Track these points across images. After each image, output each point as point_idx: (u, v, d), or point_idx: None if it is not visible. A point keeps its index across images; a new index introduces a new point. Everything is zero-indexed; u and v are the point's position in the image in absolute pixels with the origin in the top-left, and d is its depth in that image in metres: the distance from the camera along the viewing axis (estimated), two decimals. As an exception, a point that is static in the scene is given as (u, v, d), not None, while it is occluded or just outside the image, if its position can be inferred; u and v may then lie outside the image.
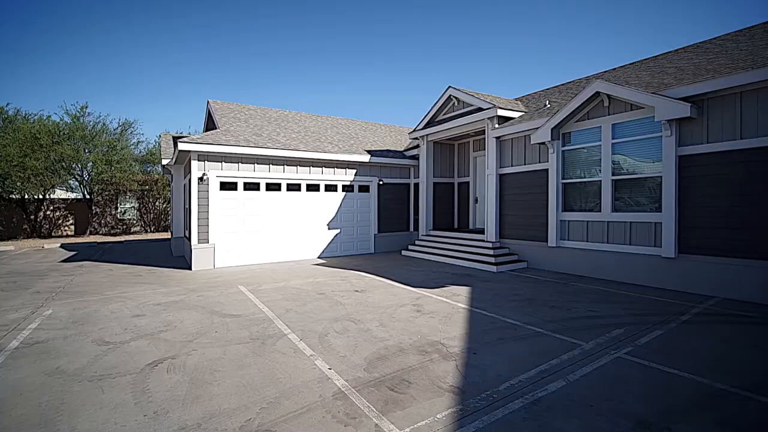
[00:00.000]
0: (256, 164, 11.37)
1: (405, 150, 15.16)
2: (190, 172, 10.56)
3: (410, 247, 13.12)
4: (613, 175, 8.37)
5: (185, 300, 7.15)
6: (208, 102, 14.34)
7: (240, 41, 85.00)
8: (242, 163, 11.16)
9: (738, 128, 6.67)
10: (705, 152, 7.02)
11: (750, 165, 6.52)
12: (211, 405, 3.41)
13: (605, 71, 11.79)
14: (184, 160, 11.59)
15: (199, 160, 10.53)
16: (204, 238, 10.57)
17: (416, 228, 14.75)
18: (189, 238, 10.89)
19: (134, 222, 24.08)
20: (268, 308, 6.50)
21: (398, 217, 14.59)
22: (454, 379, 3.83)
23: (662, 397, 3.41)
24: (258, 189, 11.51)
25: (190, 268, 10.56)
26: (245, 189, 11.30)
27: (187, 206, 11.52)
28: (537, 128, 9.58)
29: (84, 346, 4.89)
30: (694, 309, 6.18)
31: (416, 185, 14.62)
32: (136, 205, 24.02)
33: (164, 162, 13.44)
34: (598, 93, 8.43)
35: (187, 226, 11.46)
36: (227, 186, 11.01)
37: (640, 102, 7.65)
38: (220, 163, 10.82)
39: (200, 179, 10.51)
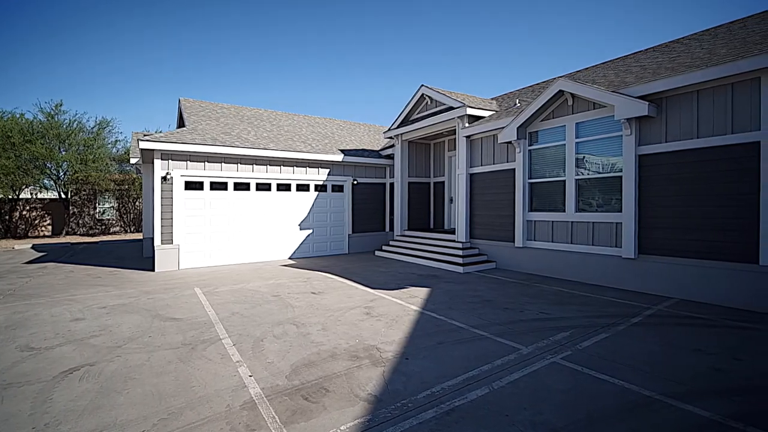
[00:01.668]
0: (223, 163, 11.15)
1: (381, 149, 15.00)
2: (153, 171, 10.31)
3: (384, 247, 12.96)
4: (576, 174, 8.26)
5: (134, 303, 6.93)
6: (179, 100, 14.08)
7: (229, 38, 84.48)
8: (209, 162, 10.92)
9: (695, 127, 6.57)
10: (664, 151, 6.92)
11: (706, 165, 6.43)
12: (109, 416, 3.22)
13: (577, 71, 11.71)
14: (149, 159, 11.32)
15: (162, 159, 10.28)
16: (168, 239, 10.33)
17: (392, 228, 14.58)
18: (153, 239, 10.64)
19: (113, 222, 23.70)
20: (215, 311, 6.30)
21: (374, 218, 14.41)
22: (375, 386, 3.67)
23: (583, 406, 3.27)
24: (225, 189, 11.28)
25: (153, 270, 10.31)
26: (212, 189, 11.07)
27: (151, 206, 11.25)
28: (504, 127, 9.45)
29: (5, 352, 4.66)
30: (648, 311, 6.07)
31: (392, 185, 14.45)
32: (116, 205, 23.64)
33: (133, 161, 13.18)
34: (562, 92, 8.32)
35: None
36: (193, 185, 10.77)
37: (600, 100, 7.55)
38: (185, 162, 10.59)
39: (164, 178, 10.27)
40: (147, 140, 9.85)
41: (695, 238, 6.57)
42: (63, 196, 21.21)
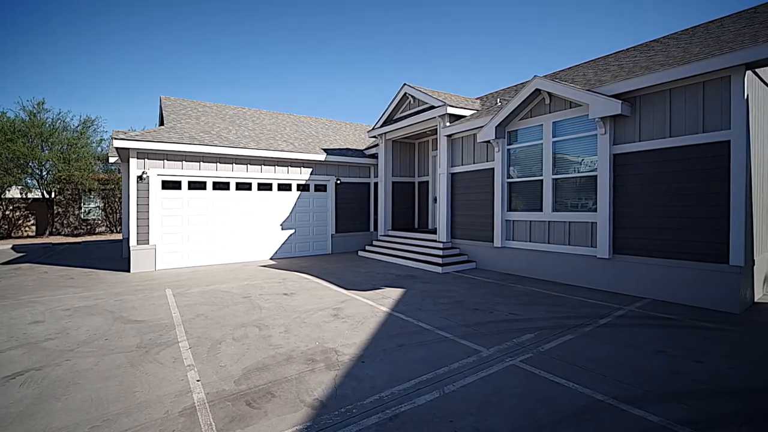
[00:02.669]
0: (201, 162, 10.99)
1: (366, 149, 14.89)
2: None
3: (367, 247, 12.85)
4: (553, 173, 8.20)
5: (99, 304, 6.77)
6: (160, 99, 13.89)
7: (221, 36, 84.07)
8: (186, 161, 10.76)
9: (668, 126, 6.52)
10: (637, 150, 6.86)
11: (678, 164, 6.38)
12: (40, 424, 3.08)
13: (560, 70, 11.66)
14: (126, 158, 11.14)
15: (138, 158, 10.12)
16: (144, 239, 10.16)
17: (377, 228, 14.48)
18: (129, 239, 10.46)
19: (99, 222, 23.39)
20: (180, 313, 6.16)
21: (358, 217, 14.30)
22: (323, 391, 3.56)
23: (531, 411, 3.18)
24: (204, 188, 11.12)
25: (129, 271, 10.13)
26: (190, 188, 10.90)
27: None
28: (483, 126, 9.37)
29: (-48, 356, 4.51)
30: (619, 311, 6.01)
31: (377, 185, 14.34)
32: (101, 205, 23.34)
33: (112, 160, 12.99)
34: (539, 91, 8.25)
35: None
36: (170, 185, 10.61)
37: (575, 99, 7.49)
38: (162, 161, 10.42)
39: (139, 178, 10.10)
40: (122, 139, 9.68)
41: (668, 238, 6.52)
42: (46, 195, 20.91)
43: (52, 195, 21.35)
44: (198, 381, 3.81)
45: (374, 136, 13.76)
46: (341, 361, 4.25)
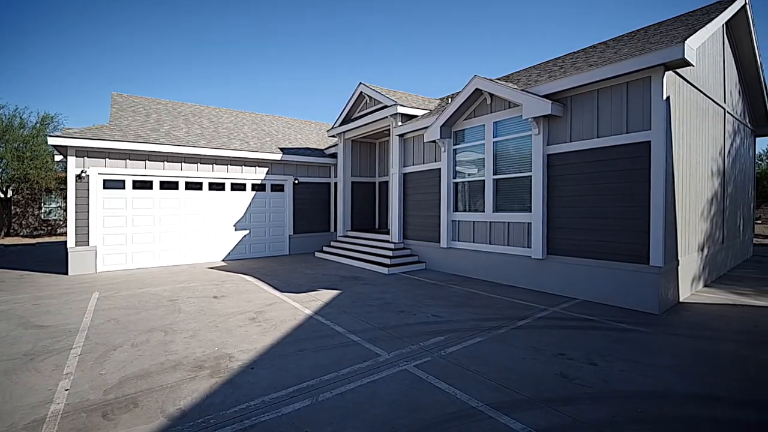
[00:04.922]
0: (147, 161, 10.68)
1: (326, 148, 14.71)
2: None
3: (325, 248, 12.67)
4: (494, 174, 8.16)
5: (12, 309, 6.47)
6: (112, 95, 13.49)
7: (215, 32, 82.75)
8: (131, 159, 10.44)
9: (596, 126, 6.52)
10: (568, 151, 6.85)
11: (605, 164, 6.38)
12: None
13: (516, 71, 11.67)
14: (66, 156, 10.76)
15: (77, 156, 9.77)
16: (83, 241, 9.81)
17: (337, 229, 14.31)
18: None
19: (61, 223, 22.72)
20: (92, 318, 5.91)
21: (318, 218, 14.11)
22: (192, 400, 3.39)
23: (394, 420, 3.06)
24: (150, 187, 10.81)
25: (68, 273, 9.77)
26: (135, 187, 10.58)
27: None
28: (429, 126, 9.30)
29: None
30: (542, 312, 5.96)
31: (337, 184, 14.18)
32: (63, 205, 22.66)
33: (57, 158, 12.55)
34: (480, 91, 8.20)
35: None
36: (113, 184, 10.28)
37: (511, 99, 7.45)
38: (103, 160, 10.08)
39: (78, 177, 9.75)
40: (57, 136, 9.32)
41: (597, 239, 6.51)
42: (2, 195, 20.18)
43: (9, 194, 20.63)
44: (66, 390, 3.60)
45: (333, 136, 13.59)
46: (230, 367, 4.08)
